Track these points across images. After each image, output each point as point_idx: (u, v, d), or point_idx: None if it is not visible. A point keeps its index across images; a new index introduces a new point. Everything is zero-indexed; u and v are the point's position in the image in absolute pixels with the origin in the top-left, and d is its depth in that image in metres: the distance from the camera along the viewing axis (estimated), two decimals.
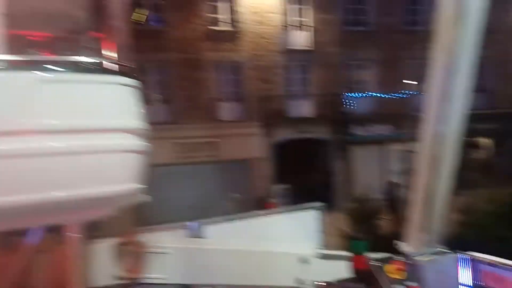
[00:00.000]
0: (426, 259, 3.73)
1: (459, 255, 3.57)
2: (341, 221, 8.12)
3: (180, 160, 16.21)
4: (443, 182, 5.33)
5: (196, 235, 6.22)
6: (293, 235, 6.10)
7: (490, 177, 15.26)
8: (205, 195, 15.00)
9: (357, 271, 4.72)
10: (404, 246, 5.79)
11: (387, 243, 6.44)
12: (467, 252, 3.52)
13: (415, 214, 5.63)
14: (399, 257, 4.26)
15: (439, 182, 5.27)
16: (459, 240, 6.66)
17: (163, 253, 6.06)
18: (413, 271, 3.87)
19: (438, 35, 4.88)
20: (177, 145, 16.27)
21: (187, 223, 6.44)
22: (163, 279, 6.05)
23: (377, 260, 4.25)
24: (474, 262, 3.35)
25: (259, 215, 6.53)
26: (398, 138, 18.21)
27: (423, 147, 5.29)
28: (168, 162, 15.09)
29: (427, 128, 5.19)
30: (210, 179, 16.01)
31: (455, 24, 4.60)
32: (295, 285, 5.78)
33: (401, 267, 3.99)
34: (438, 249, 3.65)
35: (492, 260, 3.13)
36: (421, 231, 5.56)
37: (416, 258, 3.79)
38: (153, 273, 5.96)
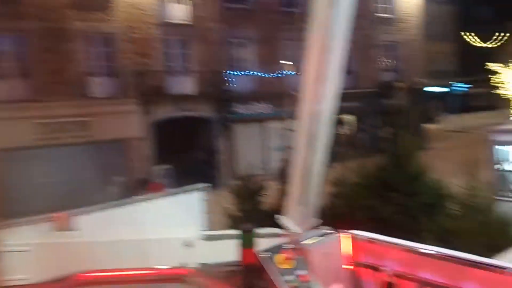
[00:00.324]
0: (311, 242, 3.81)
1: (340, 234, 3.72)
2: (226, 199, 8.10)
3: (43, 142, 14.37)
4: (319, 157, 5.59)
5: (65, 227, 5.53)
6: (177, 218, 5.84)
7: (354, 151, 17.00)
8: (77, 180, 13.67)
9: (246, 265, 4.70)
10: (284, 220, 6.02)
11: (270, 218, 6.63)
12: (348, 231, 3.67)
13: (294, 189, 5.85)
14: (288, 246, 4.30)
15: (315, 158, 5.50)
16: (332, 211, 7.18)
17: (24, 251, 5.28)
18: (300, 257, 3.91)
19: (313, 17, 4.98)
20: (39, 126, 14.37)
21: (54, 214, 5.69)
22: (25, 280, 5.28)
23: (266, 251, 4.23)
24: (355, 240, 3.51)
25: (138, 200, 6.09)
26: (277, 116, 19.03)
27: (300, 125, 5.44)
28: (29, 144, 13.31)
29: (304, 107, 5.33)
30: (82, 162, 14.59)
31: (329, 6, 4.73)
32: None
33: (290, 256, 4.03)
34: (322, 230, 3.74)
35: (372, 237, 3.31)
36: (300, 205, 5.82)
37: (302, 242, 3.84)
38: (14, 275, 5.16)
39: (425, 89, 27.05)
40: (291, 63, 20.39)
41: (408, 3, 24.73)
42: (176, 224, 5.76)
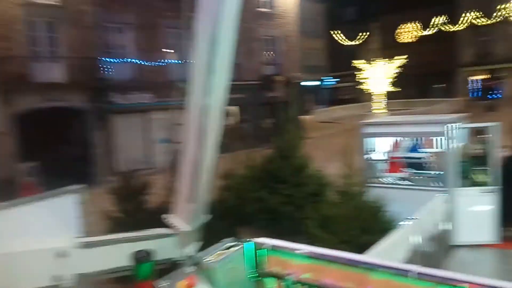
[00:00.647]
0: (213, 259, 3.54)
1: (243, 245, 3.54)
2: (105, 199, 7.41)
3: None
4: (209, 152, 5.42)
5: None
6: (47, 226, 5.11)
7: (240, 142, 17.31)
8: None
9: None
10: (172, 219, 5.73)
11: (157, 218, 6.27)
12: (251, 240, 3.53)
13: (183, 186, 5.61)
14: (188, 270, 3.95)
15: (205, 153, 5.32)
16: (221, 205, 7.11)
17: None
18: (203, 279, 3.58)
19: (201, 6, 4.75)
20: None
21: None
22: None
23: (165, 280, 3.80)
24: (259, 249, 3.38)
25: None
26: (161, 107, 18.30)
27: (189, 119, 5.21)
28: None
29: (193, 100, 5.11)
30: None
31: None
32: (51, 283, 4.88)
33: (192, 281, 3.71)
34: (223, 244, 3.52)
35: (276, 245, 3.22)
36: (189, 202, 5.59)
37: (204, 261, 3.52)
38: None
39: (301, 82, 28.83)
40: (174, 51, 19.79)
41: (286, 0, 25.96)
42: (46, 233, 5.03)
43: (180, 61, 19.20)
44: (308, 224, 5.93)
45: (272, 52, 25.81)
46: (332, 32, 43.79)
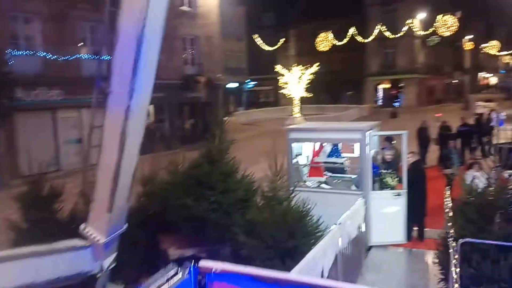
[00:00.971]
0: None
1: (187, 271, 3.26)
2: (7, 207, 6.60)
3: None
4: (130, 157, 5.08)
5: None
6: None
7: (157, 143, 16.71)
8: None
9: None
10: (88, 229, 5.28)
11: (70, 228, 5.73)
12: (196, 265, 3.27)
13: (100, 193, 5.19)
14: None
15: (126, 158, 4.98)
16: (142, 213, 6.72)
17: None
18: None
19: (125, 1, 4.42)
20: None
21: None
22: None
23: None
24: (203, 273, 3.14)
25: None
26: (69, 104, 16.96)
27: (110, 120, 4.82)
28: None
29: (114, 101, 4.73)
30: None
31: None
32: None
33: None
34: (165, 272, 3.18)
35: (222, 268, 3.02)
36: (107, 211, 5.20)
37: None
38: None
39: (222, 84, 28.80)
40: (88, 45, 18.50)
41: (208, 0, 25.72)
42: None
43: (94, 56, 17.99)
44: (235, 231, 5.84)
45: (193, 52, 25.40)
46: (253, 36, 44.50)
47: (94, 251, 5.28)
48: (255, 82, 48.34)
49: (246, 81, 45.13)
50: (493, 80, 76.44)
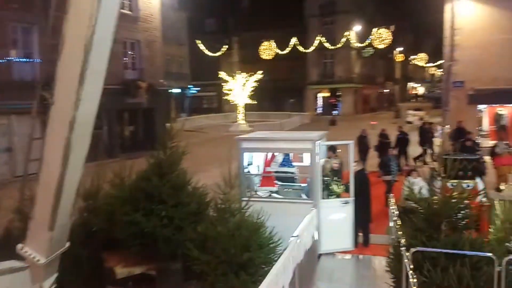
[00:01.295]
0: None
1: None
2: None
3: None
4: (74, 171, 4.74)
5: None
6: None
7: (94, 150, 15.84)
8: None
9: None
10: (26, 249, 4.86)
11: (5, 248, 5.21)
12: None
13: (40, 210, 4.79)
14: None
15: (70, 172, 4.63)
16: (85, 229, 6.29)
17: None
18: None
19: (72, 5, 4.11)
20: None
21: None
22: None
23: None
24: None
25: None
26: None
27: (53, 132, 4.46)
28: None
29: (58, 112, 4.38)
30: None
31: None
32: None
33: None
34: None
35: None
36: (48, 229, 4.81)
37: None
38: None
39: (165, 89, 28.11)
40: (20, 48, 17.16)
41: (150, 4, 25.05)
42: None
43: (26, 59, 16.74)
44: (188, 246, 5.63)
45: (134, 57, 24.55)
46: (195, 41, 44.07)
47: (33, 272, 4.86)
48: (198, 88, 47.84)
49: (188, 87, 44.50)
50: (421, 90, 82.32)
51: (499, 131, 18.23)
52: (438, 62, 55.91)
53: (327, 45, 42.37)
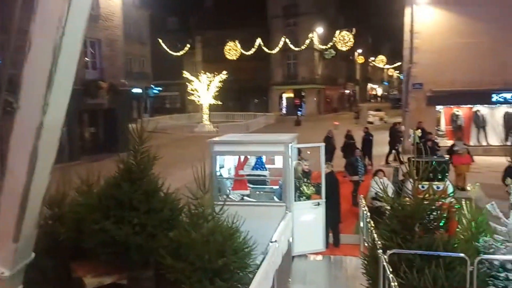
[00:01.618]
0: None
1: None
2: None
3: None
4: (41, 180, 4.49)
5: None
6: None
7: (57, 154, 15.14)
8: None
9: None
10: None
11: None
12: None
13: (3, 221, 4.51)
14: None
15: (36, 181, 4.38)
16: (52, 238, 5.98)
17: None
18: None
19: (41, 5, 3.87)
20: None
21: None
22: None
23: None
24: None
25: None
26: None
27: (18, 140, 4.20)
28: None
29: (23, 118, 4.12)
30: None
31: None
32: None
33: None
34: None
35: None
36: (12, 241, 4.55)
37: None
38: None
39: (126, 89, 27.36)
40: None
41: (111, 2, 24.31)
42: None
43: None
44: (161, 254, 5.47)
45: (94, 56, 23.74)
46: (158, 40, 43.25)
47: None
48: (160, 88, 46.95)
49: (151, 87, 43.58)
50: (379, 91, 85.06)
51: (455, 131, 19.08)
52: (396, 64, 58.02)
53: (291, 46, 42.83)
